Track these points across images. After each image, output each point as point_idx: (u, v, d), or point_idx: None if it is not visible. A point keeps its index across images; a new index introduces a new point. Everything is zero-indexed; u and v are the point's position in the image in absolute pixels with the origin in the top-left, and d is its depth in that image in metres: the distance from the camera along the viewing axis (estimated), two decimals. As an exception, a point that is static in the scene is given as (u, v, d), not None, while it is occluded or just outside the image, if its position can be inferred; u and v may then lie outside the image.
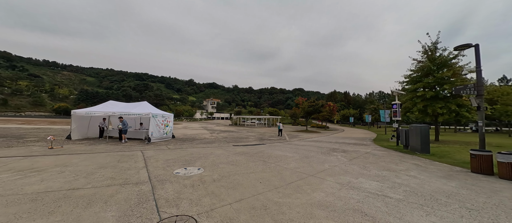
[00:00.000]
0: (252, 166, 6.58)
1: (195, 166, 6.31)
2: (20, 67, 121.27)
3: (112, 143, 11.12)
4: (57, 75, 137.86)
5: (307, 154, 9.24)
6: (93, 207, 3.31)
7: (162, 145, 10.98)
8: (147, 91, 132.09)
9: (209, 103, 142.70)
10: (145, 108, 12.97)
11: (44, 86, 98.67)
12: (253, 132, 24.23)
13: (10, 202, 3.42)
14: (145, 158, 7.41)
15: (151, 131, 11.97)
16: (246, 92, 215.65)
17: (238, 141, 14.59)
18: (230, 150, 9.92)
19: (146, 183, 4.60)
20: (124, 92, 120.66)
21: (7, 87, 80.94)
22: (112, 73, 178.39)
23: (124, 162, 6.59)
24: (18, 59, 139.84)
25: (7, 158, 6.76)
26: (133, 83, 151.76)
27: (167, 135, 13.81)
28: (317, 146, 12.58)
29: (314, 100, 31.34)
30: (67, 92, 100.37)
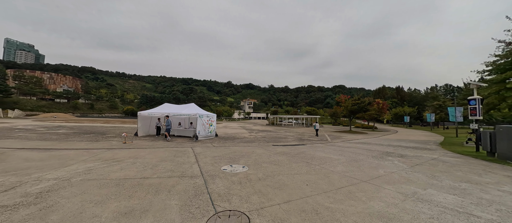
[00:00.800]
0: (295, 167, 6.41)
1: (239, 164, 6.59)
2: (101, 79, 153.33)
3: (168, 140, 12.76)
4: (125, 83, 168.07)
5: (354, 157, 8.41)
6: (160, 194, 3.84)
7: (208, 143, 11.93)
8: (192, 94, 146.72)
9: (246, 104, 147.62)
10: (192, 109, 14.39)
11: (117, 93, 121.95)
12: (291, 132, 23.74)
13: (102, 185, 4.31)
14: (195, 154, 8.19)
15: (198, 130, 13.18)
16: (282, 91, 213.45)
17: (277, 140, 14.53)
18: (271, 150, 9.95)
19: (199, 177, 5.06)
20: (174, 95, 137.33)
21: (93, 94, 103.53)
22: (164, 80, 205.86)
23: (179, 157, 7.45)
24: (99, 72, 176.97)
25: (97, 150, 8.61)
26: (181, 87, 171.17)
27: (211, 133, 14.94)
28: (366, 148, 11.32)
29: (359, 97, 28.30)
30: (132, 97, 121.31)
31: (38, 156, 7.03)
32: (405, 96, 79.24)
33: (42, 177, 4.71)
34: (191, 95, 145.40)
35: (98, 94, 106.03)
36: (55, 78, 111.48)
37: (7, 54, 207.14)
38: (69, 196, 3.64)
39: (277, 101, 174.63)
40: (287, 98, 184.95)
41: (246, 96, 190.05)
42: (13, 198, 3.50)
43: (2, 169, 5.35)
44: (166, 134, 13.04)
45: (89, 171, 5.31)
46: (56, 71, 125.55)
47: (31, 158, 6.76)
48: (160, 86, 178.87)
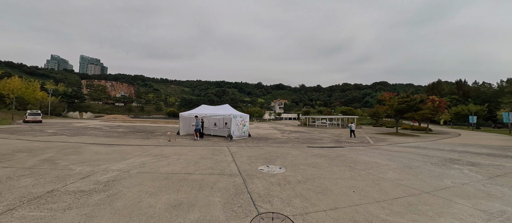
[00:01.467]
0: (336, 171, 5.91)
1: (275, 165, 6.44)
2: (149, 85, 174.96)
3: (204, 139, 13.56)
4: (168, 88, 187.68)
5: (408, 163, 7.28)
6: (203, 190, 4.01)
7: (242, 143, 12.17)
8: (224, 96, 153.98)
9: (276, 104, 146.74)
10: (227, 110, 14.96)
11: (161, 96, 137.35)
12: (325, 133, 22.35)
13: (154, 178, 4.77)
14: (231, 153, 8.42)
15: (233, 130, 13.60)
16: (314, 91, 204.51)
17: (312, 142, 13.84)
18: (306, 151, 9.49)
19: (237, 175, 5.12)
20: (208, 98, 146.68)
21: (142, 98, 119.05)
22: (200, 83, 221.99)
23: (217, 155, 7.77)
24: (147, 79, 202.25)
25: (147, 146, 9.72)
26: (214, 90, 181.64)
27: (245, 133, 15.24)
28: (421, 153, 9.71)
29: (408, 94, 24.67)
30: (173, 100, 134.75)
31: (105, 150, 8.34)
32: (469, 91, 65.70)
33: (108, 168, 5.52)
34: (223, 97, 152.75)
35: (146, 99, 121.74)
36: (115, 86, 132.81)
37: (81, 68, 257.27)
38: (129, 186, 4.14)
39: (309, 101, 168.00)
40: (320, 97, 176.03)
41: (277, 97, 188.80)
42: (88, 184, 4.17)
43: (80, 160, 6.51)
44: (195, 134, 13.20)
45: (143, 164, 5.99)
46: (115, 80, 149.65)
47: (100, 151, 8.07)
48: (196, 90, 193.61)
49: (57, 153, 7.48)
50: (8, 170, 5.15)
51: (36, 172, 5.01)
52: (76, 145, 9.49)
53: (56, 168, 5.40)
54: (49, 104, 50.69)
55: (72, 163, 5.99)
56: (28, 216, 2.83)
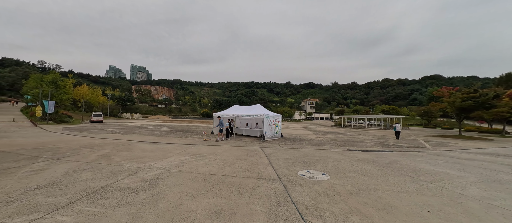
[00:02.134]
0: (395, 182, 4.92)
1: (317, 170, 5.80)
2: (185, 88, 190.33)
3: (237, 139, 13.61)
4: (201, 90, 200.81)
5: (493, 176, 5.66)
6: (243, 196, 3.73)
7: (275, 143, 11.73)
8: (253, 97, 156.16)
9: (307, 104, 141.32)
10: (259, 110, 14.74)
11: (196, 98, 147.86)
12: (366, 135, 20.06)
13: (193, 178, 4.75)
14: (266, 154, 8.06)
15: (265, 130, 13.29)
16: (348, 88, 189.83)
17: (352, 144, 12.44)
18: (349, 156, 8.45)
19: (277, 181, 4.71)
20: (238, 98, 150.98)
21: (180, 100, 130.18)
22: (230, 85, 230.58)
23: (251, 156, 7.53)
24: (184, 83, 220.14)
25: (186, 145, 10.18)
26: (244, 91, 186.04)
27: (277, 134, 14.76)
28: (506, 163, 7.57)
29: (476, 88, 20.15)
30: (207, 102, 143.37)
31: (150, 148, 9.03)
32: None
33: (152, 165, 5.81)
34: (253, 97, 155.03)
35: (183, 101, 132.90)
36: (158, 90, 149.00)
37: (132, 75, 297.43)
38: (171, 186, 4.17)
39: (343, 100, 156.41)
40: (355, 96, 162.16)
41: (307, 96, 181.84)
42: (135, 182, 4.37)
43: (130, 156, 7.10)
44: (219, 134, 12.77)
45: (182, 163, 6.14)
46: (158, 85, 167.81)
47: (146, 149, 8.76)
48: (227, 91, 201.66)
49: (112, 149, 8.41)
50: (75, 163, 5.90)
51: (95, 166, 5.59)
52: (127, 143, 10.59)
53: (110, 163, 5.96)
54: (108, 107, 59.88)
55: (124, 159, 6.55)
56: (84, 210, 3.00)
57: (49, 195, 3.51)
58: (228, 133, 13.73)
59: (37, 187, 3.89)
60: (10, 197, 3.39)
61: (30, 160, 6.25)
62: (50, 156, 6.91)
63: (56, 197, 3.43)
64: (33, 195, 3.50)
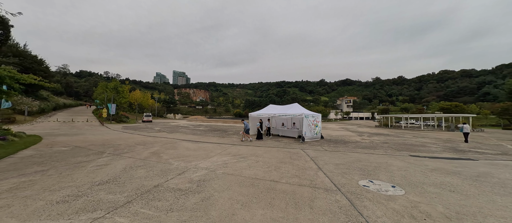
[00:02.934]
0: (506, 204, 3.55)
1: (382, 180, 4.76)
2: (219, 90, 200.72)
3: (273, 139, 13.07)
4: (234, 91, 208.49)
5: None
6: (302, 210, 3.14)
7: (316, 145, 10.73)
8: (285, 96, 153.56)
9: (343, 102, 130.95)
10: (297, 109, 13.89)
11: (229, 99, 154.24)
12: (425, 137, 16.80)
13: (240, 182, 4.41)
14: (311, 158, 7.28)
15: (304, 131, 12.37)
16: (393, 84, 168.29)
17: (412, 149, 10.41)
18: (414, 163, 6.91)
19: (336, 192, 3.96)
20: (270, 98, 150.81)
21: (215, 102, 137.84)
22: (261, 85, 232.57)
23: (295, 160, 6.88)
24: (218, 85, 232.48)
25: (224, 144, 10.20)
26: (275, 90, 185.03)
27: (317, 135, 13.62)
28: None
29: None
30: (239, 102, 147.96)
31: (193, 147, 9.33)
32: None
33: (197, 165, 5.78)
34: (284, 97, 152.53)
35: (218, 102, 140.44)
36: (195, 92, 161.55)
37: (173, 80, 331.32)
38: (219, 189, 3.90)
39: (387, 97, 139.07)
40: (403, 92, 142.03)
41: (343, 94, 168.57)
42: (184, 182, 4.28)
43: (176, 155, 7.36)
44: (244, 134, 12.34)
45: (225, 164, 5.95)
46: (196, 88, 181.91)
47: (189, 147, 9.07)
48: (258, 91, 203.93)
49: (160, 147, 8.98)
50: (131, 160, 6.36)
51: (147, 163, 5.89)
52: (172, 141, 11.28)
53: (160, 161, 6.21)
54: (156, 108, 67.75)
55: (171, 158, 6.79)
56: (140, 212, 2.92)
57: (109, 192, 3.65)
58: (260, 134, 12.76)
59: (101, 182, 4.15)
60: (79, 191, 3.65)
61: (97, 155, 7.07)
62: (112, 152, 7.72)
63: (115, 195, 3.53)
64: (97, 191, 3.69)
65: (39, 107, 32.13)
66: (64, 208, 2.97)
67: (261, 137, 12.59)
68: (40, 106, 32.83)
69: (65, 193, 3.54)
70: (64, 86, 69.87)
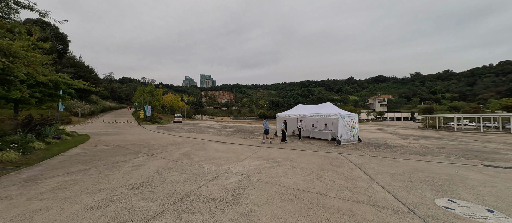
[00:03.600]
0: None
1: (467, 200, 3.60)
2: (243, 91, 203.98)
3: (304, 141, 12.10)
4: (257, 92, 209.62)
5: None
6: (371, 240, 2.36)
7: (355, 149, 9.47)
8: (310, 96, 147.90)
9: (376, 101, 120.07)
10: (331, 109, 12.69)
11: (253, 100, 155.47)
12: (491, 141, 13.70)
13: (281, 194, 3.78)
14: (356, 165, 6.24)
15: (340, 133, 11.14)
16: (437, 79, 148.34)
17: (480, 156, 8.36)
18: (498, 176, 5.32)
19: (408, 214, 3.03)
20: (294, 98, 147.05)
21: (239, 103, 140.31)
22: (285, 85, 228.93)
23: (337, 166, 5.96)
24: (242, 87, 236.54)
25: (254, 147, 9.71)
26: (299, 90, 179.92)
27: (354, 137, 12.19)
28: None
29: None
30: (263, 103, 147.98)
31: (222, 148, 9.08)
32: None
33: (229, 170, 5.36)
34: (309, 97, 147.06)
35: (242, 103, 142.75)
36: (221, 94, 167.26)
37: (200, 83, 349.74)
38: (257, 202, 3.35)
39: (430, 95, 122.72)
40: (450, 88, 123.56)
41: (375, 92, 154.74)
42: (217, 190, 3.85)
43: (206, 156, 7.12)
44: (264, 136, 11.67)
45: (259, 170, 5.40)
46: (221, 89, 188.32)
47: (218, 149, 8.83)
48: (282, 92, 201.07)
49: (191, 148, 8.95)
50: (163, 161, 6.30)
51: (179, 165, 5.71)
52: (202, 142, 11.29)
53: (191, 163, 5.99)
54: (185, 110, 71.95)
55: (202, 160, 6.56)
56: (173, 228, 2.53)
57: (142, 198, 3.41)
58: (284, 136, 11.64)
59: (134, 186, 3.99)
60: (113, 195, 3.49)
61: (133, 154, 7.26)
62: (146, 152, 7.90)
63: (147, 202, 3.26)
64: (130, 196, 3.49)
65: (90, 109, 36.76)
66: (96, 216, 2.76)
67: (285, 139, 11.64)
68: (91, 109, 37.55)
69: (100, 197, 3.41)
70: (109, 91, 79.37)
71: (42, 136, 8.40)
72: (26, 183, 4.05)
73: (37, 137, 7.98)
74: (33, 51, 9.24)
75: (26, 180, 4.27)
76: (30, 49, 9.31)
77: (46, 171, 4.96)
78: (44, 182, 4.12)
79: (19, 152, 6.34)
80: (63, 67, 38.66)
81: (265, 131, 11.58)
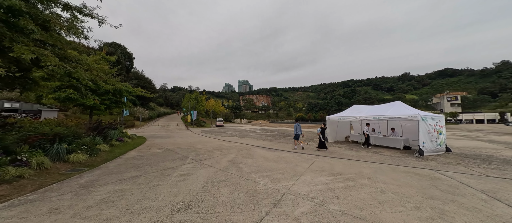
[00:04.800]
0: None
1: None
2: (280, 94, 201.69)
3: (367, 149, 9.81)
4: (295, 95, 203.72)
5: None
6: None
7: (453, 164, 6.79)
8: (355, 96, 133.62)
9: (444, 100, 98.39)
10: (403, 109, 10.02)
11: (290, 103, 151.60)
12: None
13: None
14: (484, 191, 4.06)
15: (422, 140, 8.46)
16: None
17: None
18: None
19: None
20: (336, 100, 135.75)
21: (276, 106, 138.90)
22: (324, 86, 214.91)
23: (451, 193, 3.95)
24: (278, 90, 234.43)
25: (307, 155, 8.25)
26: (341, 91, 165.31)
27: (441, 146, 9.14)
28: None
29: None
30: (301, 106, 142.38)
31: (270, 156, 8.00)
32: None
33: (292, 189, 4.16)
34: (354, 97, 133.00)
35: (279, 106, 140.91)
36: (258, 98, 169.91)
37: (239, 88, 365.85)
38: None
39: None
40: None
41: (441, 89, 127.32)
42: (287, 224, 2.69)
43: (257, 166, 6.14)
44: (295, 142, 10.33)
45: (332, 192, 4.00)
46: (258, 94, 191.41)
47: (267, 157, 7.79)
48: (321, 93, 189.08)
49: (237, 154, 8.22)
50: (211, 170, 5.63)
51: (229, 178, 4.88)
52: (246, 147, 10.54)
53: (242, 176, 5.09)
54: (225, 114, 75.54)
55: (252, 170, 5.60)
56: None
57: (191, 228, 2.56)
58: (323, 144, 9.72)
59: (182, 207, 3.25)
60: (158, 220, 2.78)
61: (182, 160, 6.95)
62: (194, 157, 7.55)
63: (198, 238, 2.37)
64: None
65: (148, 115, 42.29)
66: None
67: (324, 146, 9.73)
68: (149, 114, 43.19)
69: (143, 220, 2.75)
70: (163, 99, 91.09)
71: (108, 138, 9.21)
72: (80, 191, 3.88)
73: (103, 139, 8.74)
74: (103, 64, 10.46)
75: (82, 186, 4.16)
76: (101, 61, 10.56)
77: (102, 177, 4.90)
78: (96, 191, 3.87)
79: (87, 154, 6.81)
80: (129, 80, 46.05)
81: (296, 136, 10.30)
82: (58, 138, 6.58)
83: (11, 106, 18.68)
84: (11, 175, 4.39)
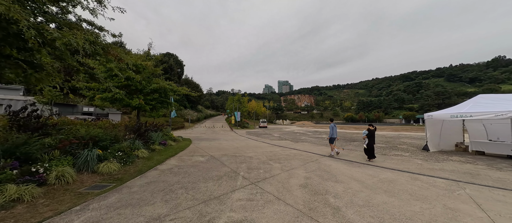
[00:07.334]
0: None
1: None
2: (324, 93, 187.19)
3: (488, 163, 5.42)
4: (340, 93, 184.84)
5: None
6: None
7: None
8: (422, 91, 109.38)
9: None
10: None
11: (336, 102, 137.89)
12: None
13: None
14: None
15: None
16: None
17: None
18: None
19: None
20: (395, 96, 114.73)
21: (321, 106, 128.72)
22: (377, 82, 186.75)
23: None
24: (322, 88, 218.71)
25: (408, 173, 4.85)
26: (401, 86, 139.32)
27: None
28: None
29: None
30: (349, 104, 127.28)
31: (363, 177, 5.01)
32: None
33: None
34: (420, 92, 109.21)
35: (324, 106, 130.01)
36: (300, 98, 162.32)
37: (279, 89, 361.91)
38: None
39: None
40: None
41: None
42: None
43: (360, 202, 3.37)
44: (331, 146, 8.24)
45: None
46: (299, 93, 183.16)
47: (358, 178, 4.86)
48: (374, 90, 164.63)
49: (306, 171, 5.61)
50: (282, 208, 3.21)
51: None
52: (311, 157, 7.79)
53: None
54: (267, 115, 74.02)
55: (360, 216, 2.89)
56: None
57: None
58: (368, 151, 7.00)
59: None
60: None
61: (230, 178, 4.87)
62: (246, 173, 5.40)
63: None
64: None
65: (197, 117, 44.70)
66: None
67: (372, 155, 6.92)
68: (197, 116, 45.68)
69: None
70: (210, 102, 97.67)
71: (150, 142, 8.21)
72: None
73: (144, 143, 7.70)
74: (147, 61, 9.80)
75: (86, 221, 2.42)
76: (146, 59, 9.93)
77: (116, 209, 3.19)
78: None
79: (121, 162, 5.57)
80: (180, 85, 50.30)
81: (331, 140, 8.22)
82: (92, 143, 5.54)
83: (88, 110, 21.87)
84: (6, 197, 3.11)
